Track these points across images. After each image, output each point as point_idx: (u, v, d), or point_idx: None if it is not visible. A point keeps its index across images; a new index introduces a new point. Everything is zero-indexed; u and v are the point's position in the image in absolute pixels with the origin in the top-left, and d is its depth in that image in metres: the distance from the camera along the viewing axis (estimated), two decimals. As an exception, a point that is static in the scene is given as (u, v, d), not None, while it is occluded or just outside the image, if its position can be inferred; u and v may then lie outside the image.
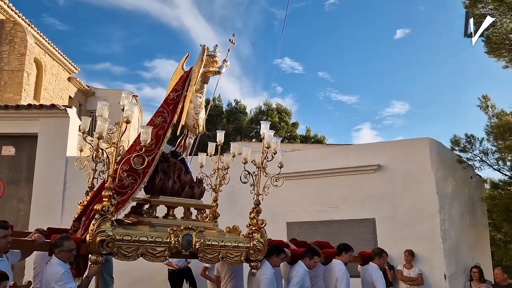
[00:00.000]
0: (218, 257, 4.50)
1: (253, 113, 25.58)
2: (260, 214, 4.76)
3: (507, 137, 8.59)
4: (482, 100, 9.81)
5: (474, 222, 8.30)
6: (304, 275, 5.00)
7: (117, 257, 3.99)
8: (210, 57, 5.38)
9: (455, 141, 8.70)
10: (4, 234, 3.70)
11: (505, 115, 9.44)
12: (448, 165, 8.35)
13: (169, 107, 4.93)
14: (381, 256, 5.67)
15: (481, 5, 9.26)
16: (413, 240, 7.65)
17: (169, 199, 4.81)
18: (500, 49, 9.13)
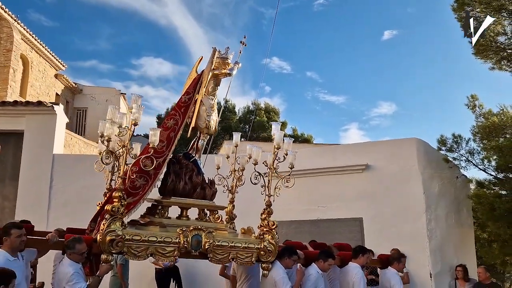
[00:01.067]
0: (229, 258, 4.52)
1: (242, 112, 25.59)
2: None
3: (492, 137, 8.72)
4: (470, 100, 9.93)
5: (459, 222, 8.40)
6: (317, 278, 4.90)
7: (128, 256, 4.10)
8: (222, 59, 5.39)
9: (441, 141, 8.79)
10: (19, 234, 3.84)
11: (492, 116, 9.58)
12: (435, 165, 8.45)
13: (180, 109, 4.98)
14: (400, 261, 5.59)
15: (469, 8, 9.37)
16: (400, 239, 7.72)
17: (180, 200, 4.87)
18: (487, 51, 9.26)
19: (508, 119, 9.30)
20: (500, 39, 9.22)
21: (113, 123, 4.21)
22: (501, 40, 9.21)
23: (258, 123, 23.23)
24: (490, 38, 9.16)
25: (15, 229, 3.86)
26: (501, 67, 9.37)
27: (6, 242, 3.84)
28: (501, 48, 9.15)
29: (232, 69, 5.44)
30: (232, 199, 5.48)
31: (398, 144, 8.64)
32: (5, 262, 3.69)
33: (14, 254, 3.88)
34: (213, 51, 5.28)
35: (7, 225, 3.95)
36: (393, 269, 5.52)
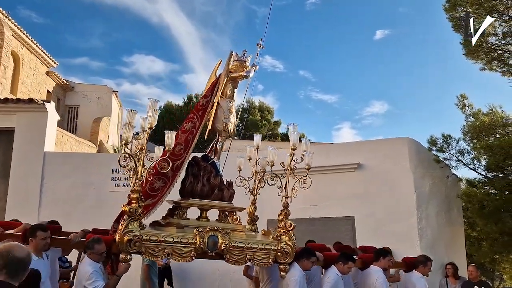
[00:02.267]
0: (245, 259, 4.54)
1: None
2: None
3: (482, 137, 8.81)
4: (460, 99, 10.02)
5: (450, 221, 8.49)
6: (337, 281, 4.85)
7: (145, 256, 4.23)
8: (239, 62, 5.40)
9: (432, 141, 8.87)
10: (44, 236, 4.05)
11: (482, 115, 9.68)
12: (426, 164, 8.52)
13: (198, 112, 5.06)
14: (426, 265, 5.45)
15: (460, 8, 9.45)
16: (391, 238, 7.78)
17: (198, 201, 4.93)
18: (478, 52, 9.34)
19: (497, 119, 9.40)
20: (491, 40, 9.32)
21: (131, 127, 4.29)
22: (492, 41, 9.30)
23: (251, 121, 23.23)
24: (481, 38, 9.25)
25: (40, 231, 4.06)
26: (491, 67, 9.46)
27: (32, 243, 4.00)
28: (492, 48, 9.24)
29: (249, 71, 5.45)
30: (254, 200, 5.51)
31: (390, 143, 8.70)
32: None
33: (39, 254, 4.04)
34: (230, 54, 5.32)
35: (34, 226, 4.16)
36: (418, 273, 5.39)
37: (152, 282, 7.18)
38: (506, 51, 9.19)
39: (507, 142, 7.66)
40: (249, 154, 5.55)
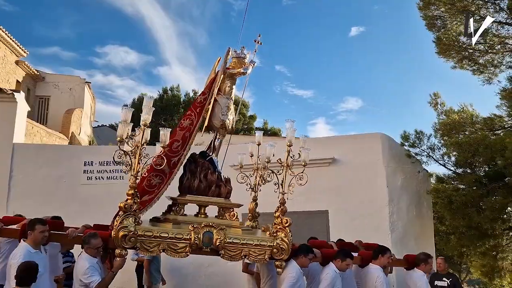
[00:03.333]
0: (241, 255, 4.58)
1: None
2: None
3: (453, 134, 9.07)
4: (433, 97, 10.28)
5: (420, 215, 8.71)
6: (335, 278, 4.83)
7: (141, 251, 4.29)
8: (238, 58, 5.41)
9: (405, 137, 9.08)
10: (42, 229, 4.13)
11: (453, 113, 9.95)
12: (398, 159, 8.70)
13: (196, 109, 5.07)
14: (427, 262, 5.42)
15: (433, 7, 9.65)
16: (363, 231, 7.90)
17: (195, 197, 4.94)
18: (450, 50, 9.58)
19: (468, 116, 9.69)
20: (462, 39, 9.56)
21: (127, 124, 4.28)
22: (463, 40, 9.55)
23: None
24: (453, 37, 9.48)
25: (39, 225, 4.14)
26: (462, 66, 9.73)
27: (30, 236, 4.10)
28: (463, 47, 9.49)
29: (247, 68, 5.44)
30: (255, 197, 5.51)
31: (364, 138, 8.83)
32: (26, 253, 3.96)
33: (37, 247, 4.14)
34: (227, 51, 5.32)
35: (32, 220, 4.21)
36: (419, 271, 5.37)
37: (153, 277, 7.17)
38: (476, 50, 9.45)
39: (475, 139, 7.91)
40: (251, 150, 5.58)
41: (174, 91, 24.62)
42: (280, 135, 23.48)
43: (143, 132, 4.20)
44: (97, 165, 9.23)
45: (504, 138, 7.65)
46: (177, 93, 24.56)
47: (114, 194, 9.00)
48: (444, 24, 9.70)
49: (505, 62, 9.33)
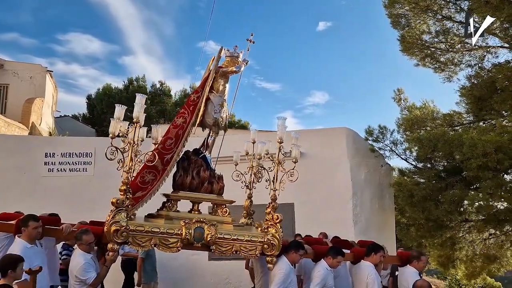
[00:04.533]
0: (232, 250, 4.66)
1: (178, 96, 25.09)
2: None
3: (414, 129, 9.38)
4: (397, 93, 10.59)
5: (382, 207, 8.98)
6: (326, 275, 4.86)
7: (132, 246, 4.36)
8: (231, 57, 5.47)
9: (369, 132, 9.31)
10: (35, 226, 4.28)
11: (415, 109, 10.29)
12: (362, 153, 8.92)
13: (189, 108, 5.16)
14: (420, 260, 5.35)
15: (398, 6, 9.90)
16: (328, 223, 8.09)
17: (187, 194, 5.03)
18: (413, 48, 9.87)
19: (429, 112, 10.04)
20: (425, 38, 9.87)
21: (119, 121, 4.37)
22: (426, 38, 9.86)
23: (194, 107, 22.95)
24: (416, 36, 9.76)
25: (32, 221, 4.28)
26: (425, 64, 10.05)
27: (25, 232, 4.25)
28: (426, 46, 9.80)
29: (239, 66, 5.47)
30: (249, 194, 5.57)
31: (329, 133, 8.99)
32: (23, 248, 4.11)
33: (32, 242, 4.29)
34: (220, 50, 5.41)
35: (26, 216, 4.37)
36: (412, 268, 5.34)
37: (146, 274, 7.09)
38: (438, 49, 9.78)
39: (435, 134, 8.20)
40: (246, 149, 5.65)
41: (140, 81, 24.14)
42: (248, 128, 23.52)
43: (135, 129, 4.28)
44: (59, 157, 8.99)
45: (462, 134, 7.97)
46: (143, 84, 24.09)
47: (77, 187, 8.89)
48: (408, 23, 9.97)
49: (464, 61, 9.70)
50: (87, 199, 8.47)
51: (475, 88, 8.96)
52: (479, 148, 7.12)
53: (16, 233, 4.35)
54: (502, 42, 8.93)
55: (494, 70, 8.75)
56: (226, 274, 8.32)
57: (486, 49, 9.38)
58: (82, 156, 9.02)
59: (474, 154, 7.20)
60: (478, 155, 7.14)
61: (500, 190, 7.24)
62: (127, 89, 23.28)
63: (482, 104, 8.78)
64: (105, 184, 8.86)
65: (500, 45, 9.15)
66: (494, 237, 9.16)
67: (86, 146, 9.19)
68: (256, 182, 5.53)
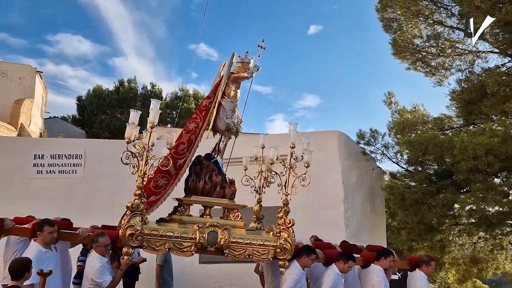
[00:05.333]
0: (245, 254, 4.71)
1: (169, 98, 25.01)
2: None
3: (405, 132, 9.44)
4: (387, 96, 10.66)
5: (373, 210, 9.00)
6: (336, 280, 4.86)
7: (147, 250, 4.40)
8: (242, 63, 5.53)
9: (360, 135, 9.35)
10: (50, 230, 4.34)
11: (406, 113, 10.36)
12: (354, 157, 8.93)
13: (201, 113, 5.25)
14: (429, 264, 5.38)
15: (390, 10, 9.97)
16: (319, 226, 8.04)
17: (199, 198, 5.07)
18: (405, 52, 9.94)
19: (420, 116, 10.12)
20: (417, 42, 9.95)
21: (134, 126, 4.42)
22: (417, 42, 9.94)
23: (185, 110, 22.85)
24: (408, 40, 9.84)
25: (47, 226, 4.34)
26: (416, 67, 10.13)
27: (40, 236, 4.31)
28: (417, 50, 9.88)
29: (251, 72, 5.55)
30: (259, 199, 5.59)
31: (321, 136, 8.97)
32: (38, 252, 4.19)
33: (47, 247, 4.35)
34: (232, 56, 5.46)
35: (41, 221, 4.42)
36: (421, 272, 5.36)
37: (164, 281, 7.06)
38: (429, 53, 9.86)
39: (426, 138, 8.26)
40: (255, 154, 5.68)
41: (131, 83, 24.01)
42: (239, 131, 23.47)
43: (150, 134, 4.36)
44: (48, 158, 8.87)
45: (453, 137, 8.03)
46: (134, 86, 23.98)
47: (67, 189, 8.78)
48: (400, 27, 10.04)
49: (455, 65, 9.80)
50: (77, 201, 8.39)
51: (465, 92, 9.05)
52: (469, 150, 7.18)
53: (31, 237, 4.43)
54: (492, 47, 9.02)
55: (484, 75, 8.86)
56: (218, 277, 8.26)
57: (476, 54, 9.49)
58: (72, 158, 8.92)
59: (464, 157, 7.25)
60: (469, 158, 7.20)
61: (491, 193, 7.28)
62: (118, 90, 23.15)
63: (472, 108, 8.86)
64: (95, 186, 8.82)
65: (490, 50, 9.25)
66: (483, 241, 9.23)
67: (76, 147, 9.09)
68: (265, 186, 5.56)
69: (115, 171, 8.92)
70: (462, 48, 9.55)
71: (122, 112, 22.86)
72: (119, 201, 8.70)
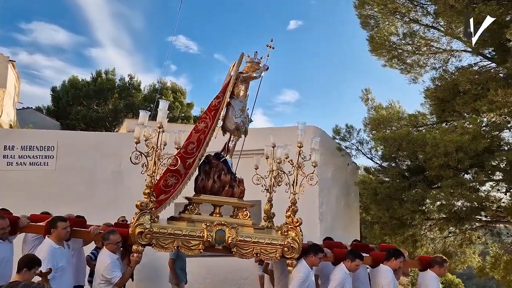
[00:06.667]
0: (253, 253, 4.78)
1: (147, 90, 24.70)
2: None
3: (380, 129, 9.56)
4: (364, 93, 10.78)
5: (347, 205, 9.11)
6: (344, 278, 4.88)
7: (156, 248, 4.46)
8: (251, 63, 5.59)
9: (336, 131, 9.44)
10: (64, 226, 4.46)
11: (381, 109, 10.50)
12: (329, 152, 9.00)
13: (210, 113, 5.30)
14: (442, 266, 5.33)
15: (368, 7, 10.06)
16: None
17: (208, 197, 5.13)
18: (381, 49, 10.06)
19: (395, 113, 10.27)
20: (393, 39, 10.07)
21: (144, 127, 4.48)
22: (394, 40, 10.06)
23: (163, 102, 22.63)
24: (384, 37, 9.95)
25: (61, 222, 4.46)
26: (392, 64, 10.27)
27: (54, 233, 4.41)
28: (393, 47, 10.00)
29: (260, 72, 5.61)
30: (270, 198, 5.71)
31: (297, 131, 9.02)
32: (51, 249, 4.29)
33: (60, 243, 4.46)
34: (241, 56, 5.51)
35: (54, 218, 4.56)
36: (432, 273, 5.31)
37: (177, 275, 7.03)
38: (405, 51, 10.00)
39: (400, 134, 8.38)
40: (266, 153, 5.82)
41: (109, 74, 23.61)
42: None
43: (159, 134, 4.42)
44: (19, 150, 8.66)
45: (426, 134, 8.19)
46: (112, 77, 23.59)
47: (38, 181, 8.58)
48: (377, 24, 10.14)
49: (429, 63, 9.97)
50: (49, 194, 8.20)
51: (439, 90, 9.22)
52: (441, 147, 7.34)
53: (45, 234, 4.51)
54: (465, 46, 9.20)
55: (457, 73, 9.03)
56: (204, 272, 8.25)
57: (450, 53, 9.67)
58: (44, 149, 8.72)
59: (436, 153, 7.41)
60: (440, 154, 7.35)
61: (461, 188, 7.46)
62: (95, 81, 22.74)
63: (445, 106, 9.04)
64: (68, 179, 8.65)
65: (463, 49, 9.44)
66: (453, 235, 9.47)
67: (48, 139, 8.89)
68: (276, 185, 5.68)
69: (88, 164, 8.83)
70: (436, 46, 9.72)
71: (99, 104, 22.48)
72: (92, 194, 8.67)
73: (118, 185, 8.42)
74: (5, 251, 4.45)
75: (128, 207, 5.67)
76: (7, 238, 4.47)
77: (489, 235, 9.70)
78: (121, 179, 8.37)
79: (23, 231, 4.69)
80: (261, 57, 5.73)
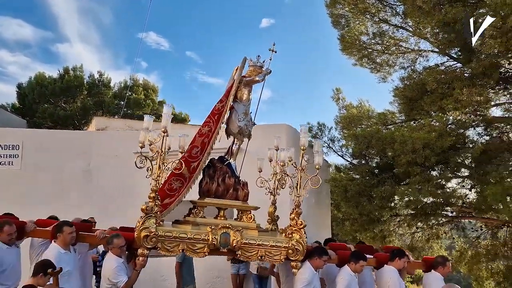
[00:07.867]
0: (257, 255, 4.78)
1: (117, 87, 24.23)
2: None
3: (351, 127, 9.72)
4: (335, 92, 10.93)
5: (319, 202, 9.20)
6: (350, 280, 4.88)
7: (161, 251, 4.47)
8: (254, 67, 5.58)
9: (308, 129, 9.50)
10: (70, 231, 4.50)
11: (352, 108, 10.67)
12: (301, 150, 9.07)
13: (214, 117, 5.28)
14: (445, 265, 5.35)
15: (339, 6, 10.19)
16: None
17: (213, 200, 5.13)
18: (352, 48, 10.21)
19: (365, 111, 10.46)
20: (363, 39, 10.24)
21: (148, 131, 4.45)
22: (364, 39, 10.24)
23: (134, 100, 22.24)
24: (355, 36, 10.11)
25: (67, 226, 4.50)
26: (362, 64, 10.45)
27: (60, 237, 4.46)
28: (363, 46, 10.17)
29: (262, 75, 5.60)
30: (273, 201, 5.67)
31: (270, 129, 9.02)
32: (57, 254, 4.32)
33: (66, 248, 4.50)
34: (243, 60, 5.51)
35: (60, 223, 4.60)
36: (437, 273, 5.34)
37: (183, 279, 6.92)
38: (375, 50, 10.19)
39: (369, 132, 8.55)
40: (270, 155, 5.79)
41: (77, 71, 23.00)
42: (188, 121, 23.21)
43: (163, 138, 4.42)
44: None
45: (394, 132, 8.37)
46: (80, 74, 22.98)
47: (2, 181, 8.29)
48: (347, 23, 10.29)
49: (398, 63, 10.20)
50: (13, 194, 7.95)
51: (407, 89, 9.43)
52: (408, 144, 7.52)
53: (52, 239, 4.55)
54: (432, 47, 9.45)
55: (425, 73, 9.26)
56: (164, 271, 8.16)
57: (418, 53, 9.91)
58: (8, 148, 8.44)
59: (404, 151, 7.59)
60: (408, 151, 7.54)
61: (428, 185, 7.67)
62: (62, 78, 22.10)
63: (413, 104, 9.26)
64: (34, 178, 8.40)
65: (431, 49, 9.70)
66: (421, 230, 9.73)
67: (13, 138, 8.60)
68: (280, 188, 5.65)
69: (56, 163, 8.59)
70: (405, 46, 9.95)
71: (66, 101, 21.90)
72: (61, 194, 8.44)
73: (88, 184, 8.23)
74: (13, 256, 4.51)
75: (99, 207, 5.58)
76: (14, 243, 4.52)
77: (455, 230, 10.02)
78: (90, 178, 8.17)
79: (29, 236, 4.71)
80: (264, 61, 5.74)
